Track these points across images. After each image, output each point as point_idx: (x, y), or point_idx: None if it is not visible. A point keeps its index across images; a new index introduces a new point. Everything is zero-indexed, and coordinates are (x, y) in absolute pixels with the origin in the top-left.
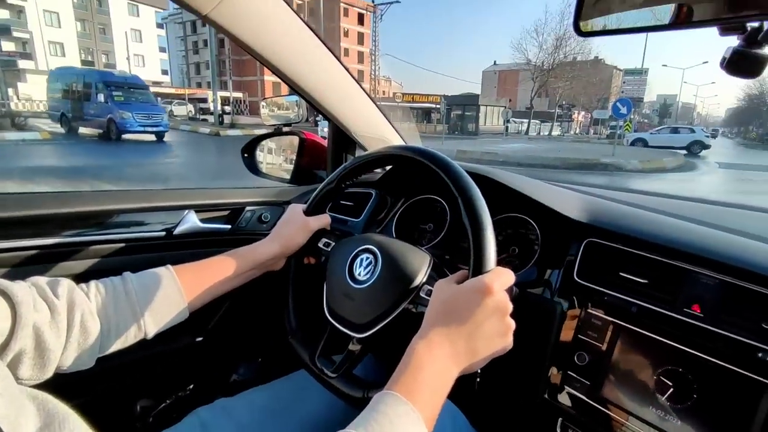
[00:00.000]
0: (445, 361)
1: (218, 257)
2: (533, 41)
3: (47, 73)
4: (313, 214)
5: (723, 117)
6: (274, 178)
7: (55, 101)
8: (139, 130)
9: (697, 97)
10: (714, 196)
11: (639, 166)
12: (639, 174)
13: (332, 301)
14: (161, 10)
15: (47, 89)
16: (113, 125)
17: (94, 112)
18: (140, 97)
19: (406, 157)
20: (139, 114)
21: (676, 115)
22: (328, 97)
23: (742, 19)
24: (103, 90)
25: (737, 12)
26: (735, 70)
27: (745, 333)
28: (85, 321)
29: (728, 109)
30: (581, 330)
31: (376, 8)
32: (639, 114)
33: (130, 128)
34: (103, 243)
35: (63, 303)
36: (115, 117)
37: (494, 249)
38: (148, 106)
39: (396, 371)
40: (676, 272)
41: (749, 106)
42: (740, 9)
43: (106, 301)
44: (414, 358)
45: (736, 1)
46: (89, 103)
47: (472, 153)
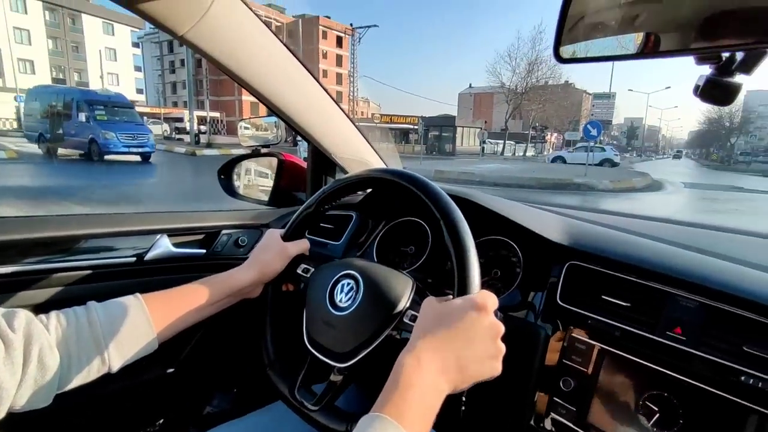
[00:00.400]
0: (435, 377)
1: (191, 285)
2: (507, 65)
3: (15, 91)
4: (291, 238)
5: (686, 139)
6: (251, 201)
7: (33, 121)
8: (123, 150)
9: (661, 120)
10: (683, 213)
11: (610, 186)
12: (610, 193)
13: (312, 329)
14: (137, 30)
15: (24, 109)
16: (95, 146)
17: (74, 132)
18: (125, 116)
19: (387, 180)
20: (123, 134)
21: (643, 137)
22: (308, 118)
23: (718, 50)
24: (84, 109)
25: (714, 42)
26: (709, 98)
27: (727, 356)
28: (43, 356)
29: (690, 131)
30: (566, 354)
31: (355, 31)
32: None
33: (114, 149)
34: (68, 270)
35: (19, 337)
36: (97, 137)
37: (478, 272)
38: (132, 126)
39: (384, 391)
40: (657, 295)
41: (709, 129)
42: (717, 40)
43: (67, 333)
44: (403, 376)
45: (714, 32)
46: (69, 123)
47: (449, 173)
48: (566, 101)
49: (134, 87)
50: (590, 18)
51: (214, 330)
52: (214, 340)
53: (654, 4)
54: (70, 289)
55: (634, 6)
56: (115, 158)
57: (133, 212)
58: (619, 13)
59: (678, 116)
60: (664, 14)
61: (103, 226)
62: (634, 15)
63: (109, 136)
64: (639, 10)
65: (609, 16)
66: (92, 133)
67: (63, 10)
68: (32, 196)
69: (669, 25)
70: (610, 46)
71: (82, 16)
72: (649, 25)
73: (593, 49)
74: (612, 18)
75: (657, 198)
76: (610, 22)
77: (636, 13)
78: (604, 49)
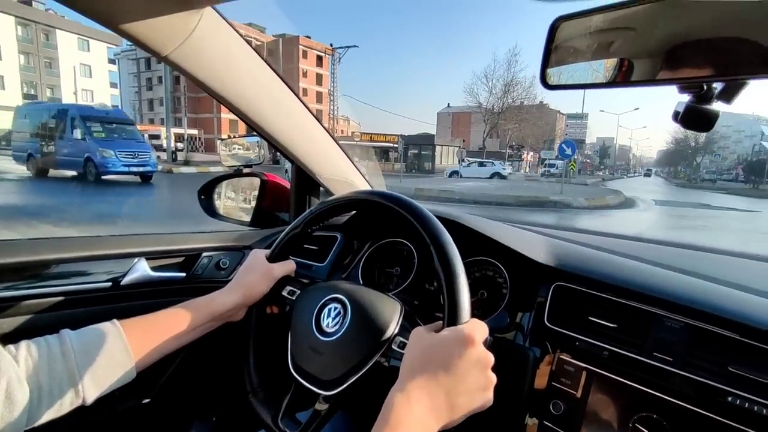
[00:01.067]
0: (425, 417)
1: (171, 309)
2: (484, 86)
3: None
4: (276, 260)
5: (655, 158)
6: (233, 221)
7: (22, 140)
8: (122, 170)
9: (631, 139)
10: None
11: (585, 203)
12: (585, 210)
13: (297, 355)
14: (114, 46)
15: (13, 127)
16: (91, 165)
17: (68, 151)
18: (124, 133)
19: (377, 202)
20: (122, 152)
21: (615, 156)
22: (292, 139)
23: (701, 80)
24: (80, 125)
25: (697, 73)
26: (689, 124)
27: (714, 377)
28: (11, 390)
29: (659, 150)
30: (555, 377)
31: (335, 51)
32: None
33: (112, 168)
34: (39, 297)
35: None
36: (94, 156)
37: (468, 301)
38: (133, 144)
39: (374, 428)
40: (643, 316)
41: (677, 149)
42: (700, 71)
43: (38, 364)
44: (393, 414)
45: (697, 63)
46: (63, 141)
47: (429, 191)
48: (541, 121)
49: (110, 103)
50: (575, 47)
51: (194, 355)
52: (193, 366)
53: (638, 36)
54: (41, 317)
55: (618, 37)
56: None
57: (109, 235)
58: (604, 42)
59: (647, 136)
60: (648, 46)
61: (77, 249)
62: (618, 45)
63: (107, 154)
64: (623, 41)
65: (593, 45)
66: (88, 151)
67: (36, 26)
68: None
69: (653, 56)
70: (595, 74)
71: (57, 31)
72: (632, 56)
73: (578, 76)
74: (596, 47)
75: (630, 215)
76: (595, 52)
77: (620, 44)
78: (589, 77)
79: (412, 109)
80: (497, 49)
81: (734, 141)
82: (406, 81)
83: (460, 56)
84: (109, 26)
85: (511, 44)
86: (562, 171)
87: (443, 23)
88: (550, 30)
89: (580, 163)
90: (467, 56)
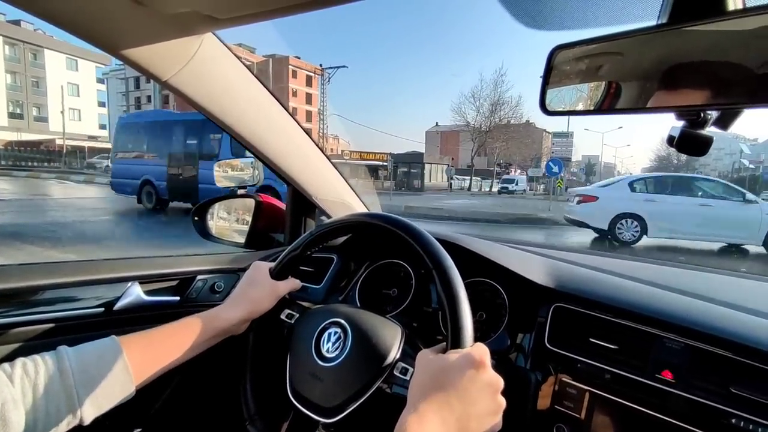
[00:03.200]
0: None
1: (172, 325)
2: (471, 105)
3: None
4: (278, 278)
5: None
6: (227, 243)
7: (130, 163)
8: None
9: (616, 157)
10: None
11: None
12: (574, 228)
13: (297, 380)
14: (103, 66)
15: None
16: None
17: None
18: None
19: (377, 225)
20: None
21: (600, 173)
22: (289, 161)
23: (700, 108)
24: (232, 143)
25: (695, 101)
26: (684, 149)
27: (716, 398)
28: (5, 412)
29: (643, 168)
30: (557, 399)
31: (324, 71)
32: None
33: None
34: (30, 324)
35: None
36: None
37: (471, 325)
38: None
39: None
40: (644, 337)
41: (660, 166)
42: (698, 99)
43: (35, 384)
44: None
45: (695, 92)
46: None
47: (419, 209)
48: (528, 139)
49: (97, 123)
50: (574, 74)
51: (189, 380)
52: (188, 391)
53: (635, 64)
54: (31, 344)
55: (616, 65)
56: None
57: (101, 259)
58: (600, 71)
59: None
60: (645, 74)
61: (69, 274)
62: (616, 73)
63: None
64: (621, 69)
65: (591, 73)
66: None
67: (24, 45)
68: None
69: (650, 84)
70: (593, 101)
71: (45, 51)
72: (628, 84)
73: (576, 103)
74: (592, 75)
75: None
76: (591, 79)
77: (618, 72)
78: (587, 104)
79: (401, 128)
80: (484, 69)
81: (714, 158)
82: (395, 100)
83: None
84: (111, 52)
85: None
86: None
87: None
88: (549, 58)
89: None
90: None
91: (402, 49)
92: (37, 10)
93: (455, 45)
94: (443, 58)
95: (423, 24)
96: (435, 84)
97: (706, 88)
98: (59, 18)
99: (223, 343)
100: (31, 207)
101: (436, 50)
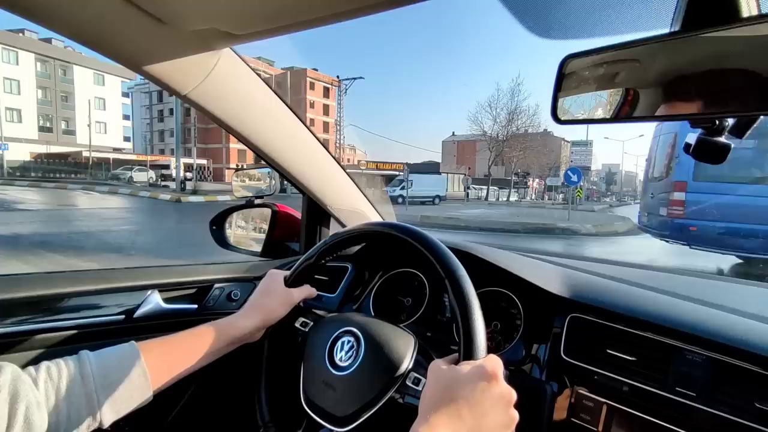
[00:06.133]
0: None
1: (189, 332)
2: (488, 115)
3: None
4: (293, 286)
5: None
6: (244, 252)
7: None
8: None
9: (637, 165)
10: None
11: (593, 231)
12: (594, 237)
13: (310, 389)
14: (128, 80)
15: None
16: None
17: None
18: None
19: (391, 235)
20: None
21: (621, 182)
22: (305, 171)
23: (713, 116)
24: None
25: (708, 110)
26: (701, 156)
27: (740, 413)
28: (29, 415)
29: None
30: (574, 412)
31: (341, 83)
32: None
33: None
34: (52, 331)
35: (4, 395)
36: None
37: (484, 336)
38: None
39: None
40: (664, 349)
41: None
42: (711, 107)
43: (58, 388)
44: None
45: (709, 99)
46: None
47: (435, 218)
48: (546, 148)
49: (122, 135)
50: (585, 83)
51: (206, 387)
52: (203, 399)
53: (647, 72)
54: (55, 350)
55: (627, 73)
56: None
57: (122, 267)
58: (611, 79)
59: None
60: (657, 82)
61: (91, 283)
62: (628, 81)
63: None
64: (633, 77)
65: (603, 81)
66: None
67: (54, 62)
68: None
69: (662, 92)
70: (606, 109)
71: (74, 67)
72: (641, 92)
73: (589, 111)
74: (604, 84)
75: (640, 242)
76: (603, 88)
77: (630, 79)
78: (600, 112)
79: (418, 138)
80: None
81: None
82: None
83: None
84: (133, 69)
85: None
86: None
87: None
88: (560, 67)
89: (586, 189)
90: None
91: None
92: (65, 31)
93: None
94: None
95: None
96: (450, 96)
97: (720, 96)
98: (85, 37)
99: (238, 351)
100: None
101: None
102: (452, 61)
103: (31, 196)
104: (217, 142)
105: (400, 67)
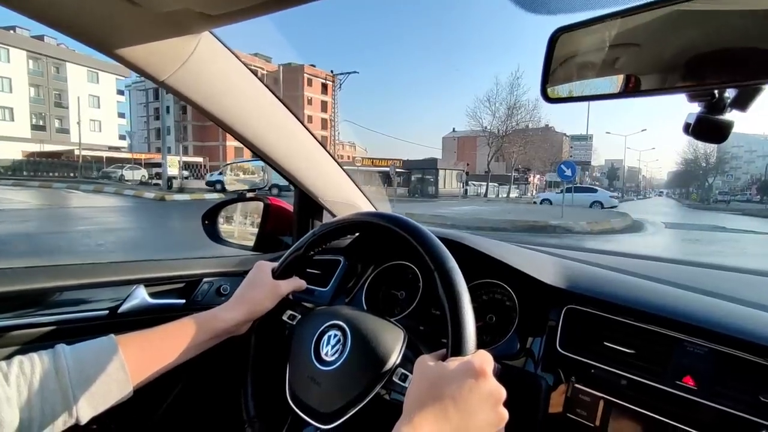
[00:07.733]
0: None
1: (171, 325)
2: (486, 110)
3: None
4: (281, 278)
5: (665, 179)
6: (236, 246)
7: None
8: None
9: (640, 161)
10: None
11: (587, 228)
12: (588, 236)
13: (295, 384)
14: (123, 78)
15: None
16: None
17: None
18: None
19: (378, 224)
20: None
21: (623, 178)
22: (294, 162)
23: (711, 87)
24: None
25: (706, 80)
26: (701, 136)
27: (743, 407)
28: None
29: (669, 172)
30: (570, 407)
31: (336, 78)
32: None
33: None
34: (30, 327)
35: None
36: None
37: (474, 331)
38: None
39: None
40: (663, 341)
41: (687, 169)
42: (709, 77)
43: (30, 383)
44: None
45: (706, 69)
46: None
47: (420, 216)
48: (546, 143)
49: (117, 133)
50: (575, 59)
51: (193, 384)
52: (191, 396)
53: (642, 44)
54: (32, 347)
55: (621, 45)
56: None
57: (106, 262)
58: (605, 53)
59: (656, 157)
60: (651, 54)
61: (74, 277)
62: (622, 54)
63: None
64: (627, 50)
65: (594, 56)
66: None
67: (47, 59)
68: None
69: (659, 64)
70: (595, 86)
71: (67, 64)
72: (635, 65)
73: (579, 88)
74: (597, 58)
75: (638, 239)
76: (596, 63)
77: (624, 53)
78: (590, 89)
79: (418, 134)
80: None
81: (746, 161)
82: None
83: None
84: (105, 52)
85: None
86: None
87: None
88: (550, 42)
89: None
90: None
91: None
92: (30, 12)
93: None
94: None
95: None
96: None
97: (718, 66)
98: (52, 19)
99: (225, 345)
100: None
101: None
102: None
103: (10, 196)
104: (213, 139)
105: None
